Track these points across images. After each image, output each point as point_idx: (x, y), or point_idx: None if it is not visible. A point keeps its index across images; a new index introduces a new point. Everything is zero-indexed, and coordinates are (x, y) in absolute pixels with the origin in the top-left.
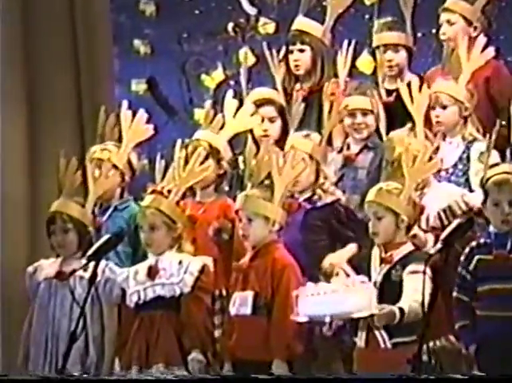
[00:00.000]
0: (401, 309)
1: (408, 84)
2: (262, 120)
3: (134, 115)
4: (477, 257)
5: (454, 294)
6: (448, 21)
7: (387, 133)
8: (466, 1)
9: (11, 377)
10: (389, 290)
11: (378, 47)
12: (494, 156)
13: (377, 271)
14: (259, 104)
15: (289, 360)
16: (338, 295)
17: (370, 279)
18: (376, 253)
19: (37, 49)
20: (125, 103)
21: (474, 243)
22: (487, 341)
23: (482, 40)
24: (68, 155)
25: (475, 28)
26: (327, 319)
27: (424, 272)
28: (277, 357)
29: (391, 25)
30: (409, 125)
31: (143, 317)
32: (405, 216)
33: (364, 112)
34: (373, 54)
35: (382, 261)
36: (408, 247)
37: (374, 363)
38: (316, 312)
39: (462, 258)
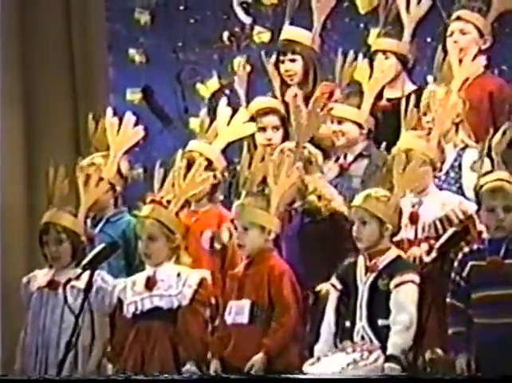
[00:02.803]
0: (391, 357)
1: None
2: (266, 129)
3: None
4: (470, 263)
5: (448, 300)
6: (461, 31)
7: (382, 140)
8: (479, 13)
9: (11, 377)
10: (378, 302)
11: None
12: (486, 164)
13: (363, 281)
14: (262, 113)
15: (288, 368)
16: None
17: (357, 291)
18: (360, 262)
19: (33, 59)
20: (109, 111)
21: (466, 250)
22: (484, 349)
23: (473, 48)
24: (65, 165)
25: (485, 41)
26: None
27: (412, 281)
28: (276, 365)
29: (386, 33)
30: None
31: (139, 327)
32: (390, 224)
33: (340, 121)
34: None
35: (367, 270)
36: (392, 254)
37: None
38: None
39: (455, 264)
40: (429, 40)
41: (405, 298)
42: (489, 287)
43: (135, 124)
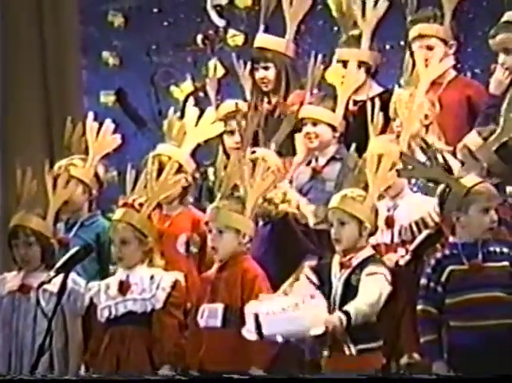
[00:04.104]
0: (346, 313)
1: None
2: (234, 132)
3: (101, 126)
4: (449, 268)
5: (420, 306)
6: (427, 47)
7: (351, 143)
8: (435, 22)
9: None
10: (351, 297)
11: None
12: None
13: (337, 277)
14: (231, 116)
15: (265, 368)
16: (289, 314)
17: (331, 287)
18: (336, 260)
19: (6, 61)
20: (91, 114)
21: (439, 255)
22: (463, 352)
23: (440, 50)
24: (38, 168)
25: (451, 46)
26: (279, 339)
27: (384, 275)
28: (254, 366)
29: (350, 42)
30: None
31: (114, 331)
32: (368, 224)
33: (314, 123)
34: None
35: (342, 266)
36: (368, 252)
37: (340, 370)
38: (268, 331)
39: (428, 270)
40: (402, 43)
41: (375, 283)
42: (470, 291)
43: (114, 131)
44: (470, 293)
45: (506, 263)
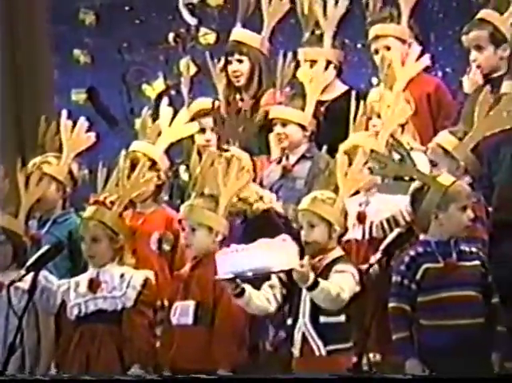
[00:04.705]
0: (316, 281)
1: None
2: (205, 131)
3: (75, 125)
4: (425, 266)
5: (393, 304)
6: (385, 47)
7: (321, 142)
8: (392, 22)
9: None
10: None
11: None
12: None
13: None
14: (202, 114)
15: (233, 369)
16: (258, 251)
17: (301, 291)
18: (305, 261)
19: None
20: (65, 113)
21: (412, 252)
22: (433, 351)
23: (416, 49)
24: (9, 166)
25: (410, 44)
26: (249, 274)
27: (353, 274)
28: (221, 367)
29: (312, 41)
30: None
31: (83, 329)
32: (338, 225)
33: (284, 123)
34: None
35: (312, 268)
36: (337, 253)
37: (311, 371)
38: (238, 268)
39: (402, 267)
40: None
41: (342, 279)
42: (445, 289)
43: (88, 131)
44: (444, 291)
45: (477, 263)
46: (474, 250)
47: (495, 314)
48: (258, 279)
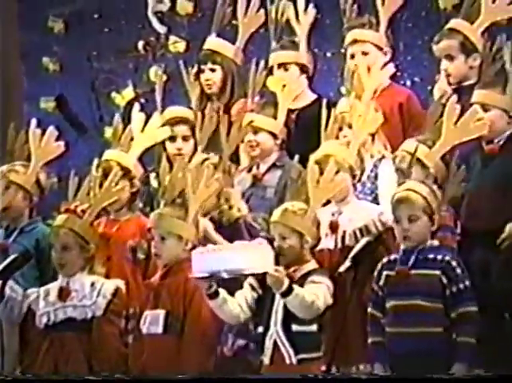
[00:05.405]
0: (290, 287)
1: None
2: (176, 139)
3: (44, 133)
4: (385, 273)
5: (369, 309)
6: (362, 53)
7: (293, 150)
8: (370, 29)
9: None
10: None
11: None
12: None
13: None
14: (173, 122)
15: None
16: (233, 252)
17: (274, 297)
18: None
19: None
20: (34, 121)
21: (385, 259)
22: (394, 358)
23: (381, 58)
24: None
25: (386, 53)
26: (224, 274)
27: (327, 286)
28: (190, 376)
29: (284, 45)
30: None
31: (53, 338)
32: (309, 237)
33: (255, 130)
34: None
35: (287, 277)
36: (312, 265)
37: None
38: (213, 267)
39: (375, 274)
40: (343, 51)
41: (318, 289)
42: (397, 297)
43: (57, 139)
44: (396, 299)
45: (436, 272)
46: (439, 258)
47: (455, 325)
48: (233, 281)
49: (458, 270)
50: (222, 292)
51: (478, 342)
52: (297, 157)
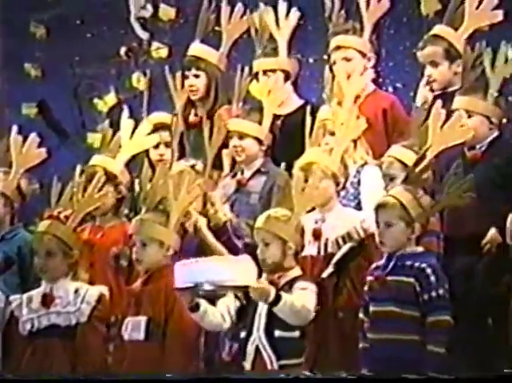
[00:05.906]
0: (278, 295)
1: None
2: (158, 145)
3: (25, 139)
4: (368, 278)
5: (360, 315)
6: (345, 58)
7: (278, 156)
8: (354, 35)
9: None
10: (277, 316)
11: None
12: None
13: None
14: (156, 128)
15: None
16: (217, 264)
17: (257, 304)
18: (263, 278)
19: None
20: (15, 128)
21: (373, 265)
22: (375, 364)
23: (364, 64)
24: None
25: (369, 59)
26: (206, 286)
27: (312, 291)
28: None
29: (267, 52)
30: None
31: (36, 345)
32: (292, 243)
33: (241, 136)
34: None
35: (270, 284)
36: (296, 272)
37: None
38: (195, 279)
39: (361, 279)
40: (326, 57)
41: (305, 295)
42: (375, 303)
43: (39, 145)
44: (374, 305)
45: (406, 279)
46: (416, 265)
47: (426, 334)
48: (214, 293)
49: (432, 278)
50: (203, 304)
51: (449, 352)
52: (283, 165)
